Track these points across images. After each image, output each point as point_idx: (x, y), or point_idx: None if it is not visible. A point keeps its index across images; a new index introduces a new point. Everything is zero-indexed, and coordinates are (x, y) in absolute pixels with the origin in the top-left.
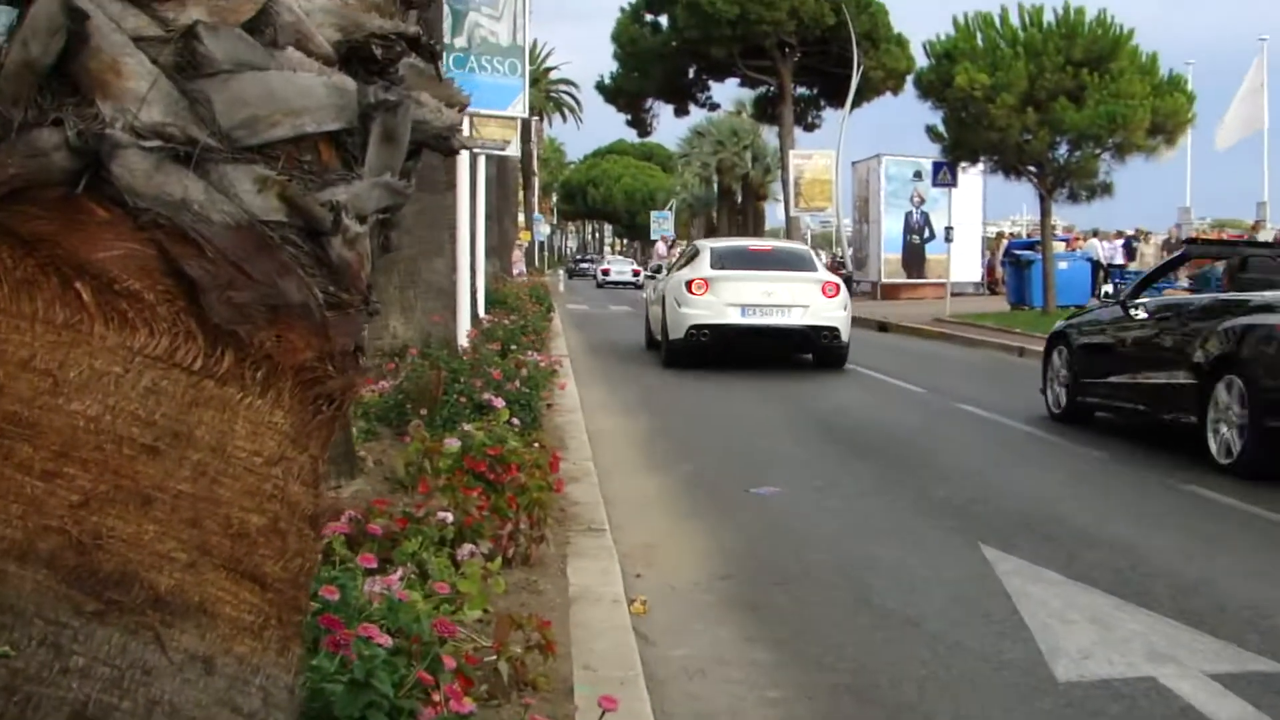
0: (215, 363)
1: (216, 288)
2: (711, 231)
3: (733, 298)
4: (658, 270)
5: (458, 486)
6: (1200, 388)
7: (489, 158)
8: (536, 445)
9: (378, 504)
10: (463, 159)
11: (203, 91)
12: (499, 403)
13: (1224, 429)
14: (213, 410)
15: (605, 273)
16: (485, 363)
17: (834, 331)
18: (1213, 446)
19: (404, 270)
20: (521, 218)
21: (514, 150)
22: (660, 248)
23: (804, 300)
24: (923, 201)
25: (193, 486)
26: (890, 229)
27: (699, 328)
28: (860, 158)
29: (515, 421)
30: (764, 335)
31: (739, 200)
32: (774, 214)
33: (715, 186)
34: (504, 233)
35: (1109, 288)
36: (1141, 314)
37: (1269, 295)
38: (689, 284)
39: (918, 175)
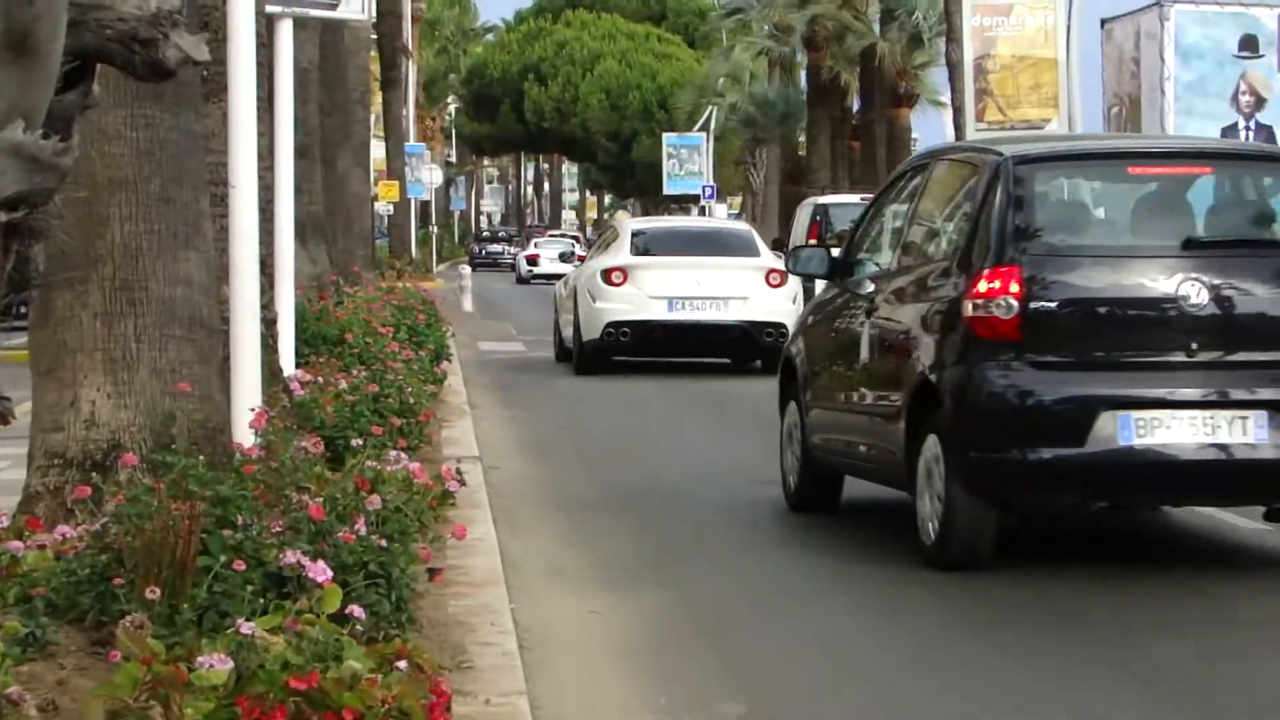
0: None
1: None
2: (799, 179)
3: (657, 289)
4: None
5: None
6: None
7: (301, 29)
8: (402, 665)
9: None
10: (242, 36)
11: None
12: (321, 572)
13: None
14: None
15: (532, 260)
16: (292, 482)
17: (779, 328)
18: None
19: (112, 276)
20: (380, 152)
21: (356, 10)
22: None
23: (743, 291)
24: (1259, 102)
25: None
26: None
27: (617, 325)
28: (1119, 12)
29: (357, 612)
30: (695, 333)
31: (854, 108)
32: (932, 133)
33: (804, 79)
34: (338, 185)
35: None
36: None
37: None
38: (606, 274)
39: (1248, 46)
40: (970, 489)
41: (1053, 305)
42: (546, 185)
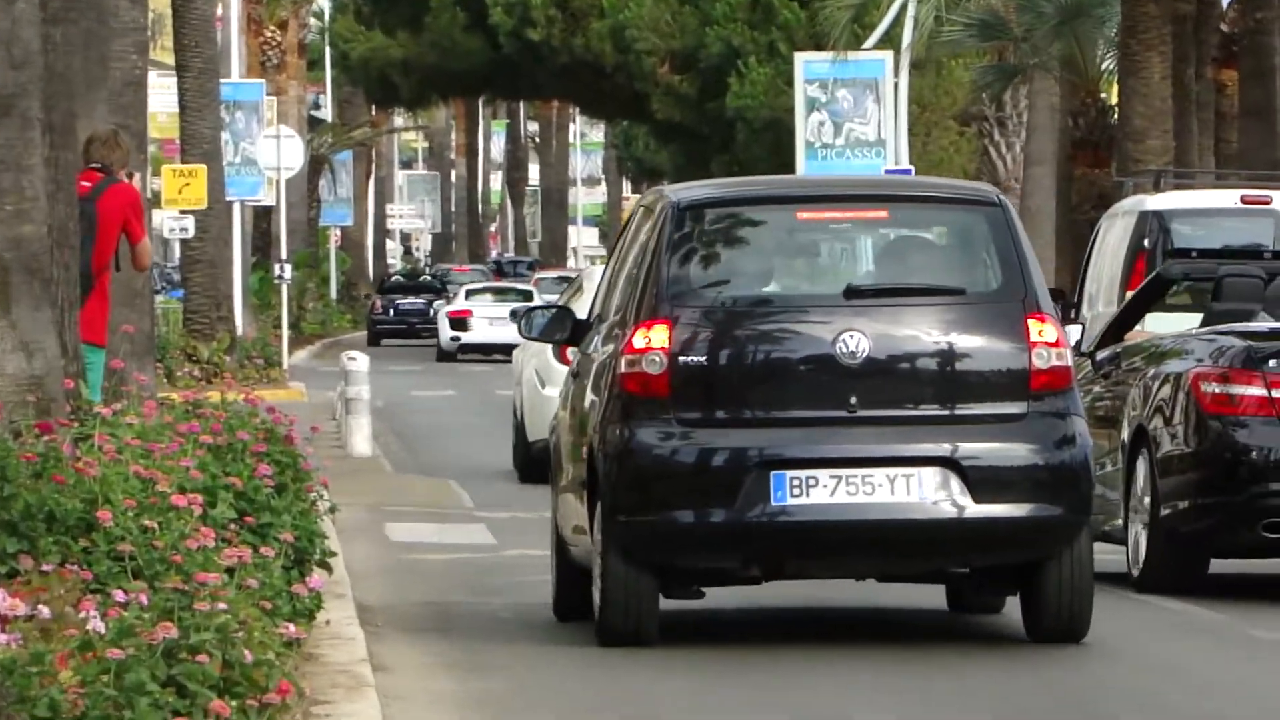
0: None
1: None
2: (1102, 150)
3: None
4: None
5: None
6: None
7: None
8: None
9: None
10: None
11: None
12: None
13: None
14: None
15: (458, 321)
16: None
17: None
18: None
19: None
20: (167, 101)
21: None
22: None
23: None
24: None
25: None
26: None
27: None
28: None
29: None
30: None
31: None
32: None
33: None
34: (69, 179)
35: None
36: None
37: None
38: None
39: None
40: (622, 556)
41: (704, 360)
42: (535, 169)
